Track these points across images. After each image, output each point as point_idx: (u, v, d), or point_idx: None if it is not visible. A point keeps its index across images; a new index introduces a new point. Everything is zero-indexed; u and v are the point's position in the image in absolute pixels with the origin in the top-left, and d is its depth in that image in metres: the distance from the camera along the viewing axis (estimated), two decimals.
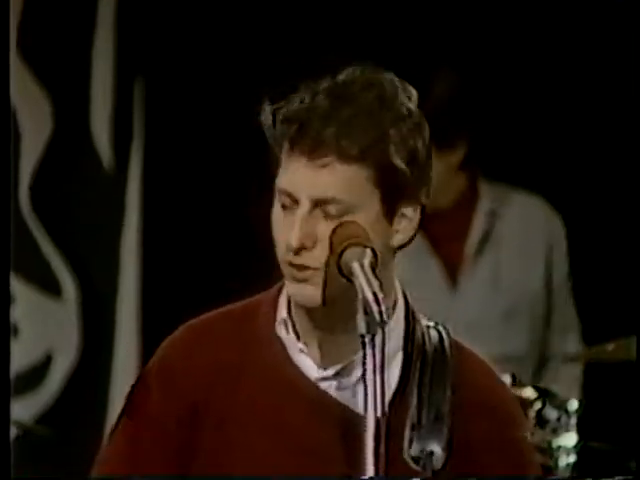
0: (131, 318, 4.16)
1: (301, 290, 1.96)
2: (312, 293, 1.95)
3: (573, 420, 3.44)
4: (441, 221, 3.99)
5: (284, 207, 1.94)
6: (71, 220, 4.23)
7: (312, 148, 1.91)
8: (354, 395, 1.98)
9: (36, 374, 4.17)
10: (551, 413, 3.44)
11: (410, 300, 2.05)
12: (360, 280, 1.83)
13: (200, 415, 2.10)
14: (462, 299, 4.03)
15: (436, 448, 1.90)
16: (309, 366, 2.00)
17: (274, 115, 1.94)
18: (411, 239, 2.01)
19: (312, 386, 2.00)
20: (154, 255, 4.24)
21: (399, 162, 1.91)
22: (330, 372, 1.99)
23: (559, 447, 3.40)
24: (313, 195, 1.91)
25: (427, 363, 1.98)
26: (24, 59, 4.08)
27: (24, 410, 4.06)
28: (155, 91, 4.17)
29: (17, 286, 4.15)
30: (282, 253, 1.94)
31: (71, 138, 4.20)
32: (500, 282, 4.03)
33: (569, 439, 3.42)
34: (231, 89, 4.23)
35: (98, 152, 4.16)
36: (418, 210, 1.97)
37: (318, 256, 1.93)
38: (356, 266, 1.85)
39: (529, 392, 3.41)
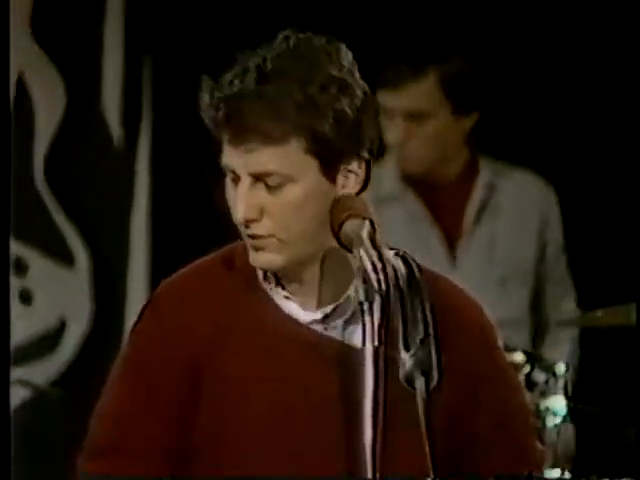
0: (141, 286, 4.25)
1: (259, 257, 2.00)
2: (270, 259, 2.00)
3: (561, 383, 3.52)
4: (442, 193, 4.12)
5: (234, 181, 2.00)
6: (83, 194, 4.31)
7: (239, 134, 1.95)
8: (344, 332, 2.05)
9: (50, 340, 4.27)
10: (539, 376, 3.54)
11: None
12: (359, 250, 1.88)
13: (197, 371, 2.12)
14: (460, 267, 4.11)
15: (428, 369, 1.93)
16: (297, 311, 2.04)
17: (205, 100, 1.99)
18: (360, 191, 2.05)
19: (303, 328, 2.05)
20: (162, 225, 4.33)
21: (327, 129, 1.94)
22: (319, 315, 2.03)
23: (547, 409, 3.51)
24: (251, 171, 1.94)
25: (403, 290, 1.97)
26: (38, 42, 4.15)
27: (39, 374, 4.18)
28: (163, 71, 4.22)
29: (32, 256, 4.26)
30: (238, 225, 2.01)
31: (83, 116, 4.29)
32: (496, 251, 4.12)
33: (557, 401, 3.52)
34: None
35: (109, 129, 4.25)
36: (364, 164, 2.01)
37: (267, 225, 1.97)
38: (355, 237, 1.90)
39: (518, 356, 3.51)
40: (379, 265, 1.87)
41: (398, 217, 4.17)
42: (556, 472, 3.42)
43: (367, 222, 1.90)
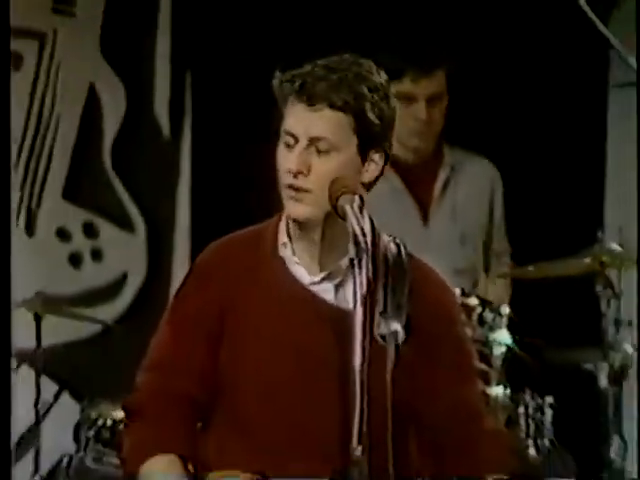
0: (184, 248, 4.91)
1: (296, 208, 2.27)
2: (304, 210, 2.27)
3: (504, 320, 4.14)
4: (416, 172, 4.59)
5: (287, 146, 2.27)
6: (140, 175, 4.92)
7: (309, 98, 2.25)
8: (336, 295, 2.35)
9: (115, 288, 4.85)
10: (488, 316, 4.13)
11: (374, 222, 2.31)
12: (351, 219, 2.16)
13: (225, 312, 2.42)
14: (431, 227, 4.58)
15: (398, 328, 2.18)
16: (303, 274, 2.35)
17: (283, 78, 2.29)
18: (376, 179, 2.34)
19: (305, 288, 2.36)
20: (201, 200, 4.97)
21: (372, 117, 2.25)
22: (317, 278, 2.35)
23: (494, 340, 4.11)
24: (311, 134, 2.26)
25: (389, 267, 2.25)
26: (105, 59, 4.79)
27: (107, 313, 4.80)
28: (201, 80, 4.83)
29: (102, 223, 4.88)
30: (284, 178, 2.28)
31: (139, 115, 4.88)
32: (456, 216, 4.61)
33: (501, 334, 4.12)
34: (261, 81, 4.69)
35: (159, 124, 4.85)
36: (383, 157, 2.30)
37: (310, 180, 2.25)
38: (348, 208, 2.19)
39: (473, 300, 4.16)
40: (366, 229, 2.15)
41: (384, 190, 4.12)
42: (500, 388, 4.06)
43: (357, 197, 2.21)
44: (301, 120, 2.30)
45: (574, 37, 4.70)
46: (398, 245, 2.35)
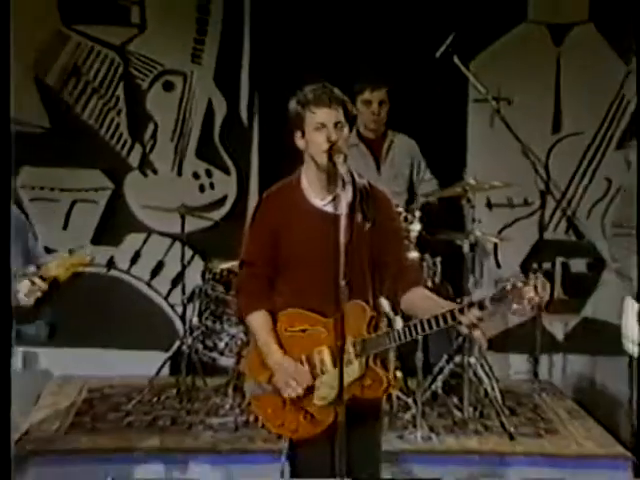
0: (255, 184, 6.55)
1: (334, 157, 3.18)
2: (337, 160, 3.18)
3: (417, 217, 5.51)
4: (372, 143, 6.01)
5: (317, 129, 3.21)
6: (233, 144, 6.70)
7: (329, 100, 3.21)
8: (334, 208, 3.26)
9: (220, 203, 6.70)
10: (409, 217, 5.52)
11: (353, 171, 3.31)
12: (339, 166, 3.23)
13: (277, 232, 3.39)
14: (382, 174, 5.96)
15: (365, 217, 3.28)
16: (317, 201, 3.30)
17: (302, 95, 3.26)
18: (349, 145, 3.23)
19: (316, 207, 3.31)
20: (266, 161, 6.65)
21: (353, 112, 3.30)
22: (324, 202, 3.28)
23: (412, 230, 5.43)
24: (334, 120, 3.23)
25: (360, 190, 3.34)
26: (216, 84, 6.57)
27: (216, 216, 6.49)
28: (267, 97, 6.53)
29: (214, 170, 6.71)
30: (321, 150, 3.22)
31: (233, 115, 6.65)
32: (395, 166, 6.07)
33: (415, 226, 5.55)
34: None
35: (242, 118, 6.64)
36: (353, 132, 3.36)
37: (340, 142, 3.23)
38: (338, 160, 3.23)
39: (400, 209, 5.35)
40: (347, 171, 3.23)
41: (356, 153, 5.75)
42: (415, 252, 5.23)
43: (343, 154, 3.24)
44: (327, 114, 3.26)
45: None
46: (369, 182, 3.36)
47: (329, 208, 3.32)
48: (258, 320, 3.41)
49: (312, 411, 3.46)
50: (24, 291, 3.62)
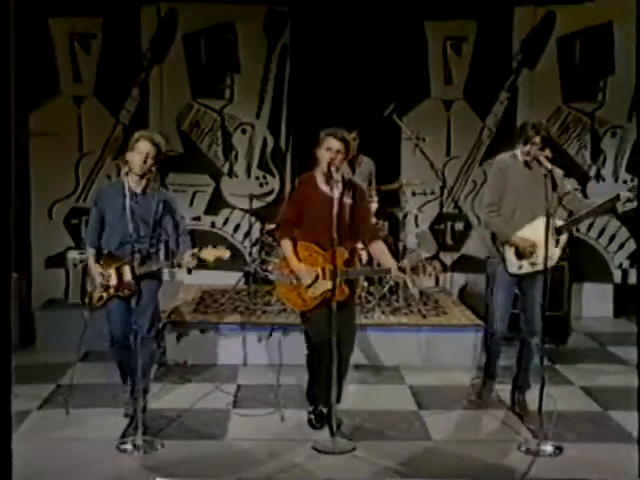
0: (291, 173, 9.27)
1: (336, 162, 5.44)
2: (341, 168, 5.42)
3: (376, 197, 7.94)
4: (351, 162, 8.22)
5: (328, 150, 5.63)
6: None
7: (335, 136, 5.69)
8: (332, 192, 5.65)
9: (268, 194, 9.73)
10: (374, 205, 7.81)
11: (344, 173, 5.56)
12: (334, 173, 5.66)
13: (301, 201, 5.86)
14: (356, 176, 7.93)
15: (351, 198, 5.69)
16: (323, 187, 5.75)
17: (325, 134, 5.66)
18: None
19: (323, 191, 5.75)
20: (299, 158, 9.43)
21: (349, 147, 5.63)
22: (328, 188, 5.70)
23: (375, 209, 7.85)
24: (336, 147, 5.68)
25: (348, 183, 5.82)
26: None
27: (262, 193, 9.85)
28: (298, 114, 9.16)
29: (268, 177, 9.90)
30: (325, 163, 5.57)
31: (274, 116, 9.31)
32: (362, 173, 8.42)
33: (375, 205, 8.06)
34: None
35: (280, 125, 9.16)
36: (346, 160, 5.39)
37: (340, 160, 5.60)
38: (333, 169, 5.61)
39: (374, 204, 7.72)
40: (340, 174, 5.75)
41: (345, 168, 7.11)
42: (375, 220, 7.07)
43: (336, 167, 5.65)
44: (334, 143, 5.37)
45: None
46: (355, 179, 5.99)
47: (329, 192, 5.41)
48: (287, 244, 5.57)
49: (305, 298, 5.51)
50: (187, 260, 5.41)
